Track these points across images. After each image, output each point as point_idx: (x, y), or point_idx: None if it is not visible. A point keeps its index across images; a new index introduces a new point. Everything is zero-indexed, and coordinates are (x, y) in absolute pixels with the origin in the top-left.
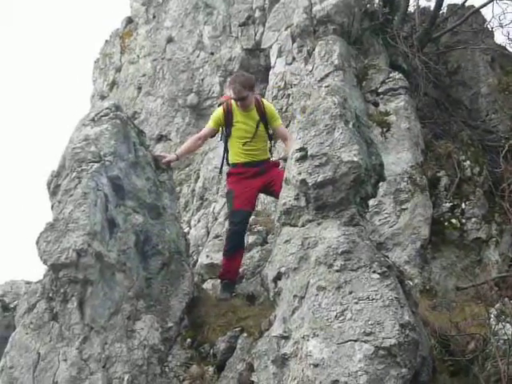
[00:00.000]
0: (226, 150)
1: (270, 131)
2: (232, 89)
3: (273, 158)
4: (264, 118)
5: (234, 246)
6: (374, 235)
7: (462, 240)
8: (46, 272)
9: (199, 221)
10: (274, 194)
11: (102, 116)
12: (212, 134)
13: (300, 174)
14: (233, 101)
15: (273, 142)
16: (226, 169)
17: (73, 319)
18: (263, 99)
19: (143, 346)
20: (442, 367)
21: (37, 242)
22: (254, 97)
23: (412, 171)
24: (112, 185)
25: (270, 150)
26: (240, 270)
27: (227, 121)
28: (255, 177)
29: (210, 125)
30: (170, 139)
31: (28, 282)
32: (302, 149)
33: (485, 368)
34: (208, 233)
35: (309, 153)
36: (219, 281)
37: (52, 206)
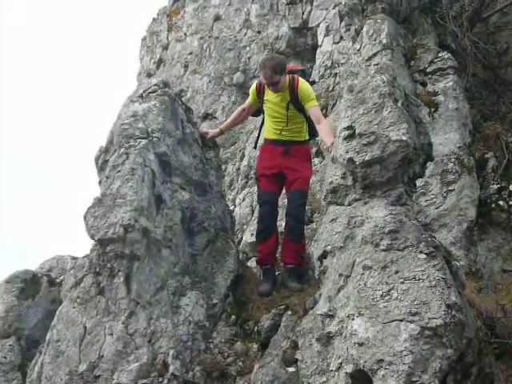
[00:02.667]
0: (261, 126)
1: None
2: (263, 74)
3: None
4: (295, 98)
5: (266, 229)
6: (420, 216)
7: (509, 222)
8: (93, 247)
9: (244, 199)
10: (285, 185)
11: (150, 92)
12: (253, 108)
13: (347, 152)
14: None
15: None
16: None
17: (119, 294)
18: (300, 78)
19: (188, 321)
20: (487, 349)
21: (84, 217)
22: (288, 76)
23: (459, 152)
24: (159, 161)
25: (310, 132)
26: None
27: (259, 97)
28: (281, 156)
29: (249, 99)
30: (215, 117)
31: (74, 258)
32: (349, 127)
33: None
34: (253, 211)
35: (357, 131)
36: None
37: (100, 182)
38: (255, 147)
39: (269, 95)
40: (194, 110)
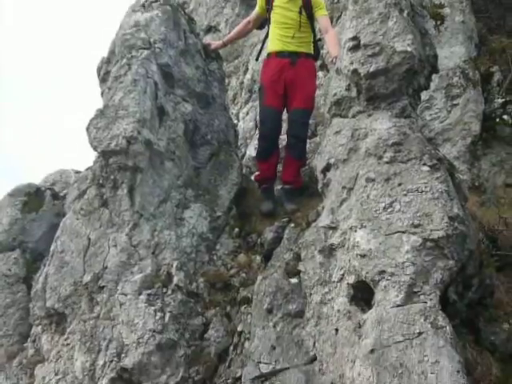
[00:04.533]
0: (265, 39)
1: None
2: None
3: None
4: (308, 4)
5: (268, 148)
6: (425, 130)
7: None
8: (95, 159)
9: (248, 113)
10: (288, 100)
11: (153, 2)
12: (259, 20)
13: (352, 63)
14: None
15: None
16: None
17: (123, 206)
18: None
19: (192, 233)
20: (488, 261)
21: (87, 129)
22: None
23: (465, 66)
24: (162, 72)
25: (315, 46)
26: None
27: (268, 4)
28: (287, 69)
29: (256, 9)
30: (219, 30)
31: (77, 172)
32: (354, 38)
33: None
34: (256, 126)
35: (361, 42)
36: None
37: (102, 93)
38: (257, 59)
39: (279, 0)
40: (197, 23)
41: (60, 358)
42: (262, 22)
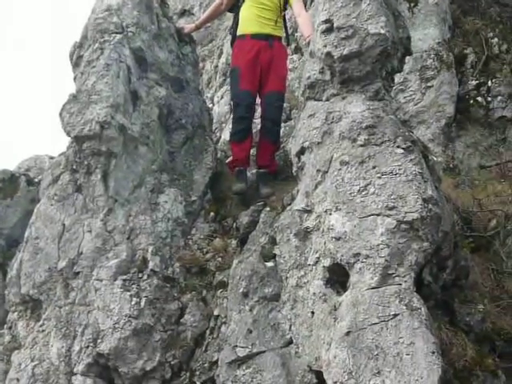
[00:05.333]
0: (236, 21)
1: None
2: None
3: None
4: None
5: (242, 131)
6: (399, 113)
7: (487, 118)
8: (69, 144)
9: (222, 97)
10: (261, 89)
11: None
12: (231, 2)
13: (325, 46)
14: None
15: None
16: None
17: (97, 191)
18: None
19: (167, 218)
20: (463, 243)
21: (60, 114)
22: None
23: (439, 48)
24: (135, 57)
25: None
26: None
27: None
28: (263, 52)
29: None
30: (193, 14)
31: (52, 157)
32: (327, 20)
33: (506, 244)
34: (231, 109)
35: (335, 25)
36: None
37: (75, 78)
38: (232, 44)
39: None
40: (171, 7)
41: (36, 344)
42: (234, 4)
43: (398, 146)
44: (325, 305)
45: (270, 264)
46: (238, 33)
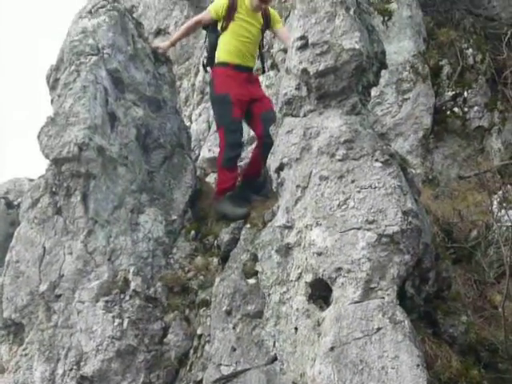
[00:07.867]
0: (213, 46)
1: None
2: None
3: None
4: (267, 22)
5: (236, 157)
6: (376, 126)
7: (465, 129)
8: (48, 167)
9: (200, 115)
10: (252, 113)
11: (99, 8)
12: (208, 22)
13: (301, 63)
14: None
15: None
16: None
17: (77, 213)
18: None
19: (148, 238)
20: (444, 254)
21: (38, 137)
22: None
23: (414, 60)
24: (111, 78)
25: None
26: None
27: (229, 13)
28: (246, 84)
29: (209, 11)
30: (168, 33)
31: (31, 180)
32: (302, 37)
33: (487, 254)
34: (209, 127)
35: (310, 41)
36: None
37: (52, 101)
38: (206, 70)
39: (242, 13)
40: (146, 26)
41: (19, 368)
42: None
43: (376, 160)
44: (308, 320)
45: (252, 281)
46: (220, 59)
